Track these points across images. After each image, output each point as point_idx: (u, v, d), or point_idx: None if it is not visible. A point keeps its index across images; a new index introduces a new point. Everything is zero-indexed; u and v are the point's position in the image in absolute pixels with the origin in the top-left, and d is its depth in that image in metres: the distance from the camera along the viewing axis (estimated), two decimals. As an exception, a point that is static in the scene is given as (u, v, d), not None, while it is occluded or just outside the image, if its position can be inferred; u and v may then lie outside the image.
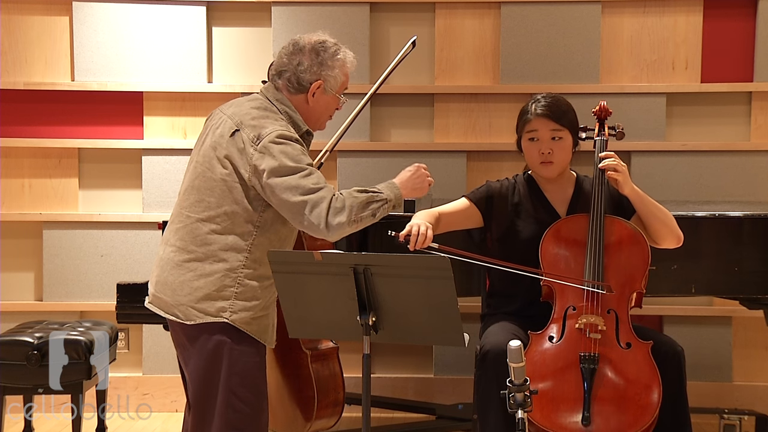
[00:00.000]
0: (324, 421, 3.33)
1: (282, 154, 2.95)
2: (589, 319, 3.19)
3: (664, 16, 4.92)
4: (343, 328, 2.87)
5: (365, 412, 2.82)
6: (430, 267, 2.72)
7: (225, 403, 3.00)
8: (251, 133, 2.98)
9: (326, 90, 3.13)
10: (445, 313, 2.77)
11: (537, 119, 3.38)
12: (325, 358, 3.30)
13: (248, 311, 3.01)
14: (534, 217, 3.44)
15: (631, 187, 3.31)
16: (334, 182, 4.98)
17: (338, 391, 3.30)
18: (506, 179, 3.55)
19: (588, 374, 3.11)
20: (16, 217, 5.01)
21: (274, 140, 2.96)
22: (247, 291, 3.01)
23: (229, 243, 3.00)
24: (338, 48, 3.15)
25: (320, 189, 2.93)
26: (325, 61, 3.11)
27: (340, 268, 2.77)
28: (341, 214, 2.92)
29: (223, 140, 3.03)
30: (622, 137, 3.51)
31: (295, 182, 2.92)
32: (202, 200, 3.03)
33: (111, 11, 4.96)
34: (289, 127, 3.04)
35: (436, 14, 4.96)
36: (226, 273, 2.99)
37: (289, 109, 3.11)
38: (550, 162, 3.39)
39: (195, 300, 2.99)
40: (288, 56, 3.13)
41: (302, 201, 2.91)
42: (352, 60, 3.19)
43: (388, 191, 3.07)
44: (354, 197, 2.97)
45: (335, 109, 3.22)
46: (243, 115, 3.05)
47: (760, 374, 4.94)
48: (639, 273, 3.28)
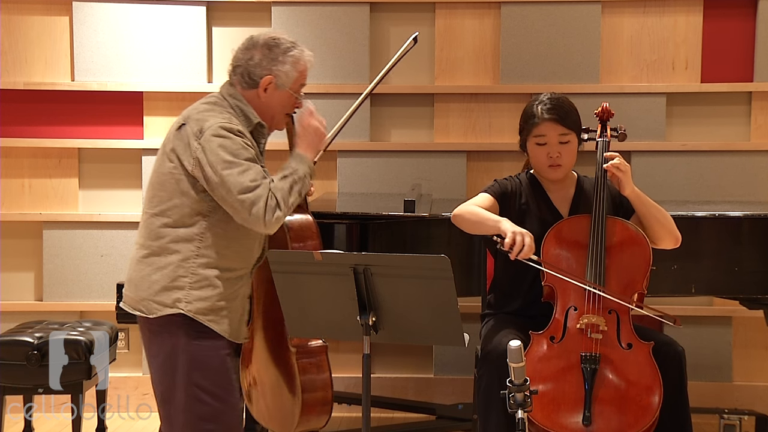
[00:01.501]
0: (313, 420, 3.30)
1: (221, 147, 2.96)
2: (591, 319, 3.19)
3: (664, 16, 4.92)
4: (343, 328, 2.87)
5: (365, 412, 2.82)
6: (430, 267, 2.72)
7: (191, 397, 3.00)
8: (195, 126, 3.01)
9: (278, 86, 3.13)
10: (445, 313, 2.77)
11: (545, 124, 3.36)
12: (312, 356, 3.27)
13: (204, 301, 3.01)
14: (538, 216, 3.44)
15: (632, 188, 3.31)
16: (334, 182, 4.99)
17: (326, 390, 3.27)
18: (512, 178, 3.53)
19: (589, 374, 3.10)
20: (16, 217, 5.01)
21: (214, 133, 2.98)
22: (201, 280, 3.02)
23: (181, 234, 3.02)
24: (293, 45, 3.16)
25: (257, 186, 2.96)
26: (277, 57, 3.12)
27: (340, 268, 2.77)
28: (277, 209, 2.97)
29: (171, 135, 3.08)
30: (624, 138, 3.50)
31: (234, 178, 2.94)
32: (155, 195, 3.08)
33: (111, 11, 4.96)
34: (232, 120, 3.05)
35: (436, 14, 4.96)
36: (180, 264, 3.02)
37: (241, 103, 3.12)
38: (559, 165, 3.39)
39: (154, 293, 3.02)
40: (242, 52, 3.16)
41: (240, 200, 2.94)
42: (308, 59, 3.19)
43: (302, 166, 3.10)
44: (281, 189, 3.01)
45: (294, 108, 3.22)
46: (191, 110, 3.10)
47: (760, 374, 4.94)
48: (640, 274, 3.28)
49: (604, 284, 3.24)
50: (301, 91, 3.20)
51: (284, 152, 5.14)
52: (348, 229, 3.77)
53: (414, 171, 4.95)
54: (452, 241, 3.69)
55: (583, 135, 3.49)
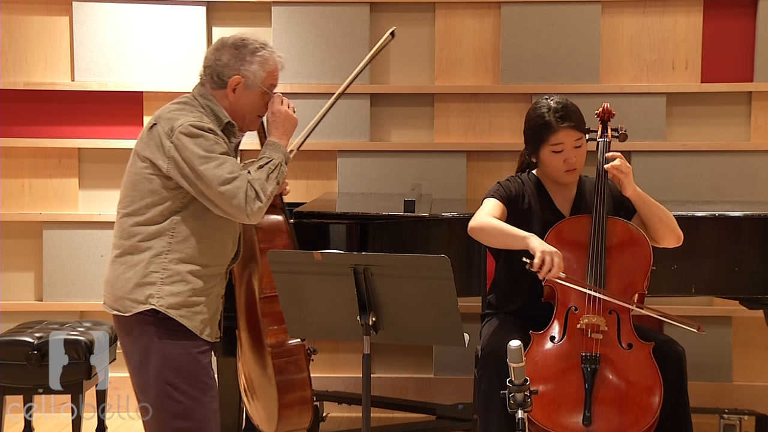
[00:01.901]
0: (294, 420, 3.28)
1: (194, 144, 2.98)
2: (591, 319, 3.19)
3: (664, 16, 4.92)
4: (343, 328, 2.87)
5: (365, 412, 2.82)
6: (430, 267, 2.72)
7: (162, 394, 3.02)
8: (166, 125, 3.03)
9: (247, 86, 3.14)
10: (445, 313, 2.77)
11: (563, 131, 3.34)
12: (289, 354, 3.26)
13: (176, 296, 3.02)
14: (540, 218, 3.44)
15: (633, 188, 3.31)
16: (334, 182, 4.99)
17: (305, 389, 3.24)
18: (514, 179, 3.52)
19: (589, 374, 3.10)
20: (16, 217, 5.01)
21: (185, 131, 2.99)
22: (173, 275, 3.03)
23: (152, 231, 3.04)
24: (262, 46, 3.16)
25: (236, 178, 2.98)
26: (244, 57, 3.13)
27: (340, 268, 2.77)
28: (257, 199, 3.00)
29: (143, 135, 3.10)
30: (625, 139, 3.50)
31: (211, 172, 2.96)
32: (127, 195, 3.09)
33: (111, 11, 4.96)
34: (203, 118, 3.06)
35: (436, 14, 4.96)
36: (151, 260, 3.03)
37: (211, 103, 3.14)
38: (575, 170, 3.39)
39: (128, 291, 3.04)
40: (212, 52, 3.18)
41: (220, 192, 2.96)
42: (277, 59, 3.19)
43: (275, 153, 3.12)
44: (259, 179, 3.04)
45: (266, 107, 3.21)
46: (162, 110, 3.11)
47: (760, 374, 4.94)
48: (641, 274, 3.28)
49: (605, 285, 3.24)
50: (271, 91, 3.20)
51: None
52: (348, 229, 3.77)
53: (414, 171, 4.95)
54: (452, 241, 3.69)
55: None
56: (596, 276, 3.23)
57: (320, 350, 4.98)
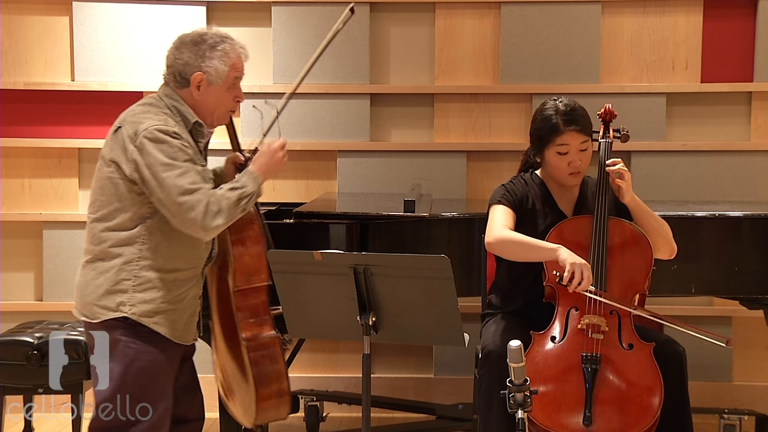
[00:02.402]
0: (271, 412, 3.26)
1: (157, 150, 2.95)
2: (592, 319, 3.18)
3: (664, 16, 4.92)
4: (343, 328, 2.87)
5: (365, 412, 2.82)
6: (430, 267, 2.72)
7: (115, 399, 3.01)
8: (130, 129, 2.99)
9: (210, 82, 3.10)
10: (445, 313, 2.77)
11: (569, 134, 3.32)
12: (264, 347, 3.24)
13: (148, 303, 3.00)
14: (544, 219, 3.43)
15: (632, 196, 3.31)
16: (334, 182, 4.99)
17: (281, 381, 3.22)
18: (518, 179, 3.51)
19: (590, 375, 3.10)
20: (16, 217, 5.01)
21: (149, 135, 2.96)
22: (144, 283, 3.01)
23: (122, 238, 3.01)
24: (222, 40, 3.12)
25: (197, 190, 2.94)
26: (204, 53, 3.09)
27: (340, 268, 2.77)
28: (219, 216, 2.96)
29: (108, 139, 3.06)
30: (627, 140, 3.50)
31: (171, 180, 2.92)
32: (95, 200, 3.06)
33: (111, 11, 4.96)
34: (168, 121, 3.02)
35: (436, 14, 4.96)
36: (122, 267, 3.01)
37: (177, 103, 3.10)
38: (579, 172, 3.38)
39: (98, 297, 3.02)
40: (172, 51, 3.15)
41: (179, 202, 2.92)
42: (238, 53, 3.14)
43: (252, 184, 3.09)
44: (227, 198, 3.00)
45: (235, 102, 3.18)
46: (127, 113, 3.08)
47: (760, 374, 4.94)
48: (642, 274, 3.28)
49: (605, 286, 3.23)
50: (236, 84, 3.15)
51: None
52: (348, 229, 3.77)
53: (414, 171, 4.95)
54: (452, 241, 3.69)
55: None
56: (597, 276, 3.22)
57: (320, 350, 5.02)
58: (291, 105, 4.90)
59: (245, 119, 4.91)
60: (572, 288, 3.08)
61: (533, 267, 3.34)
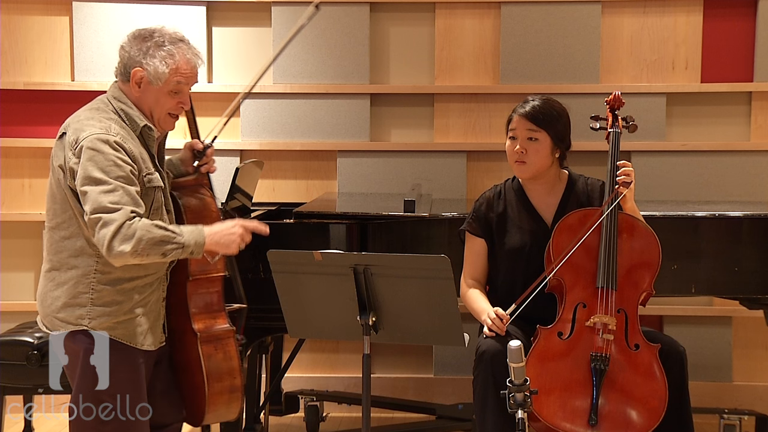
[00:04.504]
0: (221, 410, 3.15)
1: (91, 162, 2.83)
2: (602, 318, 3.17)
3: (664, 16, 4.92)
4: (343, 328, 2.87)
5: (365, 412, 2.82)
6: (430, 267, 2.72)
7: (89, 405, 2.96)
8: (72, 136, 2.90)
9: (150, 81, 2.98)
10: (445, 313, 2.77)
11: (517, 118, 3.40)
12: (217, 340, 3.13)
13: (108, 316, 2.93)
14: (518, 225, 3.43)
15: (631, 204, 3.31)
16: (334, 182, 4.98)
17: (234, 376, 3.13)
18: (493, 188, 3.55)
19: (598, 374, 3.09)
20: (16, 217, 5.01)
21: (87, 145, 2.85)
22: (103, 296, 2.93)
23: (78, 248, 2.93)
24: (171, 41, 3.00)
25: (115, 210, 2.80)
26: (148, 50, 2.97)
27: (340, 268, 2.77)
28: (127, 242, 2.79)
29: (54, 144, 2.98)
30: (635, 130, 3.52)
31: (94, 196, 2.81)
32: (50, 208, 2.99)
33: (111, 11, 4.96)
34: (112, 128, 2.90)
35: (436, 14, 4.96)
36: (79, 279, 2.93)
37: (125, 106, 3.00)
38: (523, 162, 3.38)
39: (56, 310, 2.95)
40: (123, 42, 3.03)
41: (95, 218, 2.81)
42: (187, 58, 3.01)
43: (189, 237, 2.90)
44: (149, 231, 2.82)
45: (179, 107, 3.05)
46: (73, 117, 2.99)
47: (760, 374, 4.94)
48: (651, 273, 3.28)
49: (616, 285, 3.22)
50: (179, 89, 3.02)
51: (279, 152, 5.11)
52: (348, 229, 3.77)
53: (414, 171, 4.95)
54: (452, 241, 3.69)
55: (593, 124, 3.50)
56: (608, 273, 3.21)
57: (320, 350, 5.02)
58: (291, 105, 4.94)
59: (245, 119, 4.92)
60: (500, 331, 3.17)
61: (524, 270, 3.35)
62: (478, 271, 3.46)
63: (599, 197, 3.44)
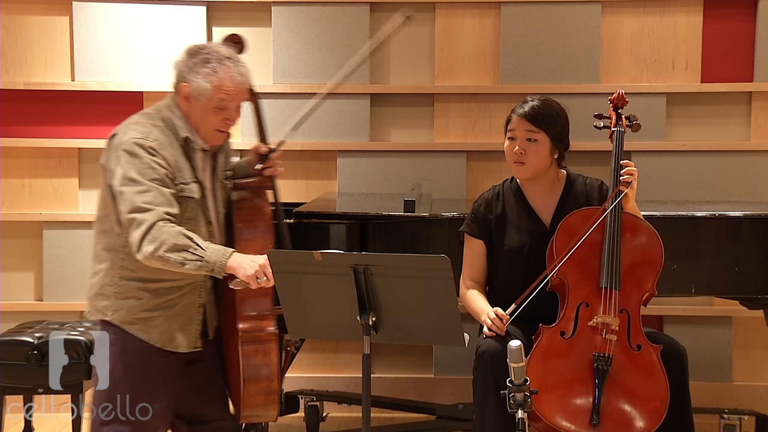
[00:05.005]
0: (258, 411, 3.20)
1: (129, 163, 2.97)
2: (605, 319, 3.17)
3: (664, 16, 4.92)
4: (343, 328, 2.87)
5: (365, 412, 2.82)
6: (430, 267, 2.72)
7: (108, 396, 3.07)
8: (118, 139, 3.04)
9: (196, 97, 3.07)
10: (445, 313, 2.77)
11: (516, 119, 3.39)
12: (259, 342, 3.19)
13: (129, 311, 3.06)
14: (517, 226, 3.43)
15: (633, 205, 3.31)
16: (334, 182, 4.98)
17: (272, 379, 3.17)
18: (492, 188, 3.54)
19: (600, 374, 3.09)
20: (16, 217, 5.01)
21: (127, 148, 2.98)
22: (125, 291, 3.07)
23: (110, 243, 3.08)
24: (216, 59, 3.06)
25: (148, 210, 2.91)
26: (194, 66, 3.06)
27: (340, 268, 2.77)
28: (152, 243, 2.90)
29: (105, 144, 3.11)
30: (639, 129, 3.52)
31: (130, 196, 2.94)
32: (99, 202, 3.15)
33: (111, 11, 4.96)
34: (151, 134, 3.00)
35: (436, 14, 4.96)
36: (107, 272, 3.09)
37: (173, 115, 3.10)
38: (522, 163, 3.37)
39: (92, 297, 3.13)
40: (178, 58, 3.14)
41: (130, 218, 2.94)
42: (230, 76, 3.06)
43: (213, 255, 2.95)
44: (174, 237, 2.91)
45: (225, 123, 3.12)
46: (125, 122, 3.12)
47: (760, 374, 4.94)
48: (653, 273, 3.27)
49: (619, 285, 3.22)
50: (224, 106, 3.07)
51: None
52: (348, 229, 3.77)
53: (414, 171, 4.95)
54: (452, 241, 3.69)
55: (597, 122, 3.50)
56: (611, 274, 3.21)
57: (320, 350, 5.02)
58: (291, 105, 4.93)
59: (245, 119, 4.91)
60: (500, 332, 3.18)
61: (523, 270, 3.35)
62: (478, 272, 3.46)
63: (598, 197, 3.44)
